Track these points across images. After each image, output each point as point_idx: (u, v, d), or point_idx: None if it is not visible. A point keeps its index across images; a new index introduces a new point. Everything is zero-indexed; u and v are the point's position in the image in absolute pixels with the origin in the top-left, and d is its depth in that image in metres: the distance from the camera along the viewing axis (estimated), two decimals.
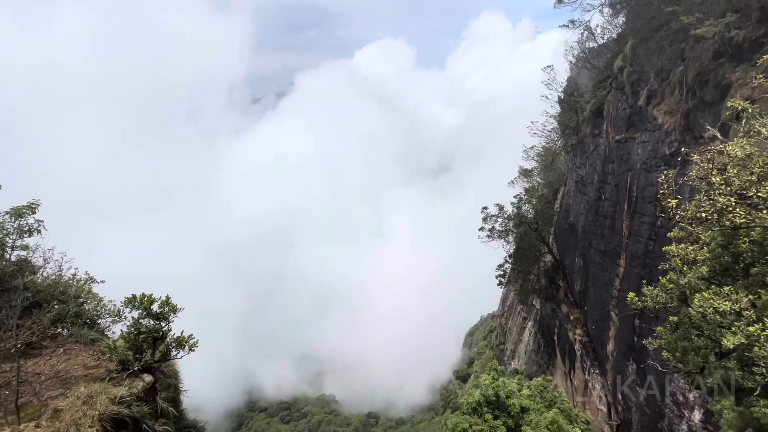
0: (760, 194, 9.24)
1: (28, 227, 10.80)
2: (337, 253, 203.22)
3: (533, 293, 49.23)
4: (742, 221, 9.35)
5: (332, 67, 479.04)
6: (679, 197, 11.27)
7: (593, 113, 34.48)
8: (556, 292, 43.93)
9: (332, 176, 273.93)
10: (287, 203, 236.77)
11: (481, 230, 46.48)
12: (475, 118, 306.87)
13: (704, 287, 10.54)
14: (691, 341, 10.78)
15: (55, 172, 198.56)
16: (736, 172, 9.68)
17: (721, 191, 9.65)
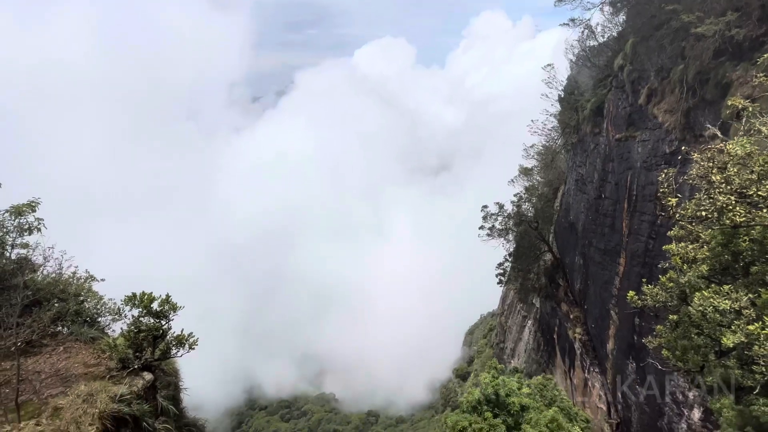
0: (760, 193, 9.24)
1: (28, 225, 10.79)
2: (337, 252, 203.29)
3: (533, 292, 49.24)
4: (742, 220, 9.35)
5: (332, 65, 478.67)
6: (679, 196, 11.27)
7: (593, 112, 34.46)
8: (556, 290, 43.95)
9: (332, 175, 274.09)
10: (287, 202, 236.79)
11: (481, 229, 46.47)
12: (475, 116, 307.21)
13: (704, 286, 10.55)
14: (690, 340, 10.79)
15: (54, 171, 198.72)
16: (736, 170, 9.68)
17: (721, 190, 9.65)
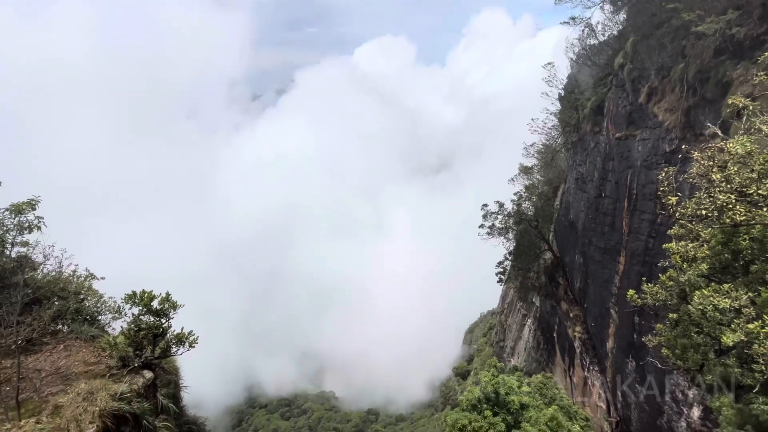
0: (760, 191, 9.24)
1: (28, 224, 10.78)
2: (337, 250, 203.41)
3: (533, 290, 49.24)
4: (742, 218, 9.35)
5: (332, 64, 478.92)
6: (679, 194, 11.26)
7: (594, 110, 34.42)
8: (555, 289, 43.96)
9: (332, 173, 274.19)
10: (287, 200, 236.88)
11: (481, 227, 46.44)
12: (475, 115, 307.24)
13: (704, 284, 10.56)
14: (690, 338, 10.79)
15: (54, 169, 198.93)
16: (736, 169, 9.67)
17: (721, 188, 9.65)
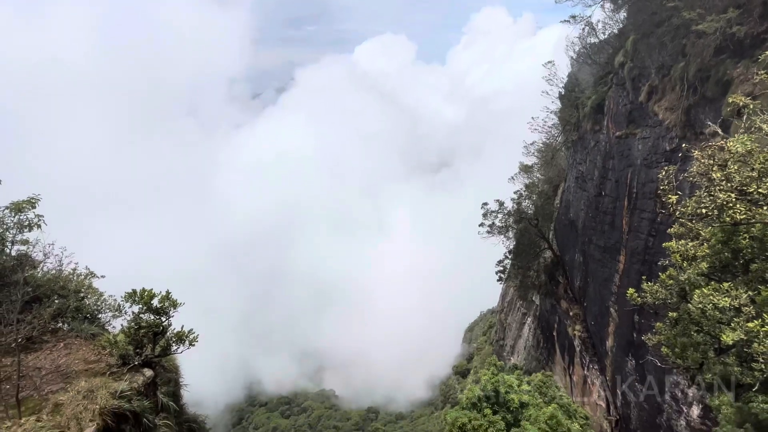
0: (760, 190, 9.24)
1: (28, 222, 10.78)
2: (337, 248, 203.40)
3: (533, 289, 49.25)
4: (742, 217, 9.35)
5: (332, 62, 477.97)
6: (679, 193, 11.26)
7: (594, 109, 34.39)
8: (555, 288, 43.98)
9: (332, 172, 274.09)
10: (287, 199, 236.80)
11: (481, 226, 46.40)
12: (475, 113, 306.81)
13: (704, 283, 10.55)
14: (690, 337, 10.79)
15: (54, 168, 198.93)
16: (736, 168, 9.67)
17: (721, 187, 9.65)
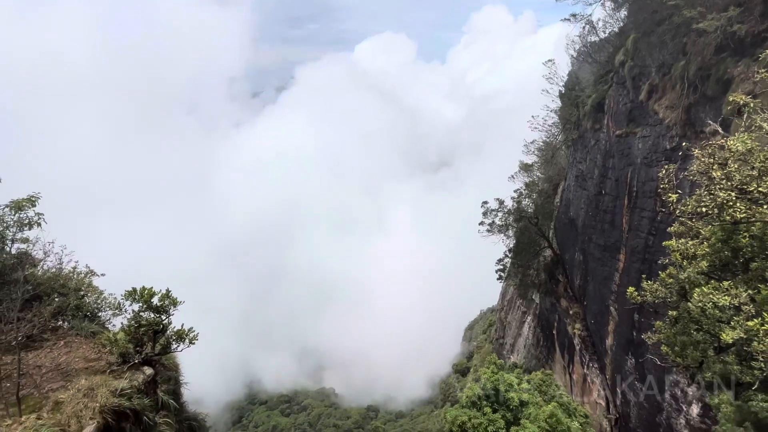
0: (760, 189, 9.24)
1: (28, 220, 10.79)
2: (337, 247, 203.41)
3: (533, 288, 49.28)
4: (742, 216, 9.35)
5: (332, 60, 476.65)
6: (679, 192, 11.26)
7: (594, 108, 34.36)
8: (555, 286, 44.00)
9: (332, 170, 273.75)
10: (287, 197, 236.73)
11: (481, 224, 46.43)
12: (475, 112, 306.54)
13: (704, 282, 10.55)
14: (690, 336, 10.80)
15: (54, 166, 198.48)
16: (737, 167, 9.66)
17: (721, 186, 9.65)
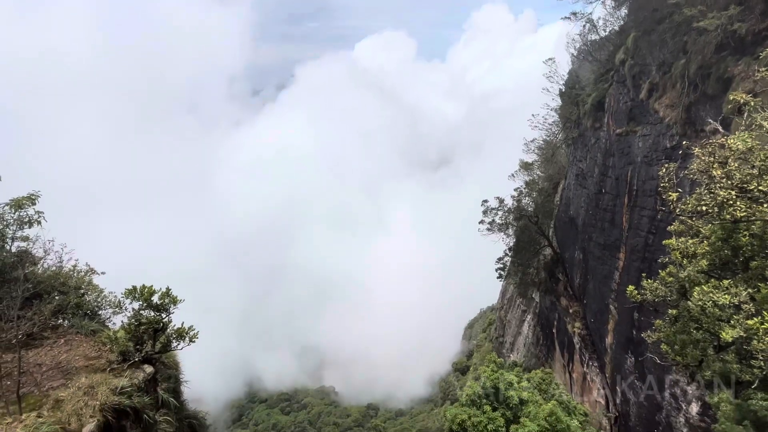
0: (761, 188, 9.23)
1: (28, 218, 10.79)
2: (337, 245, 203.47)
3: (533, 286, 49.30)
4: (742, 215, 9.34)
5: (333, 59, 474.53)
6: (679, 190, 11.25)
7: (594, 106, 34.34)
8: (555, 285, 44.02)
9: (332, 169, 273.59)
10: (287, 196, 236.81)
11: (481, 223, 46.45)
12: (475, 110, 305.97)
13: (704, 280, 10.55)
14: (689, 334, 10.80)
15: (53, 166, 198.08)
16: (737, 165, 9.65)
17: (722, 185, 9.64)
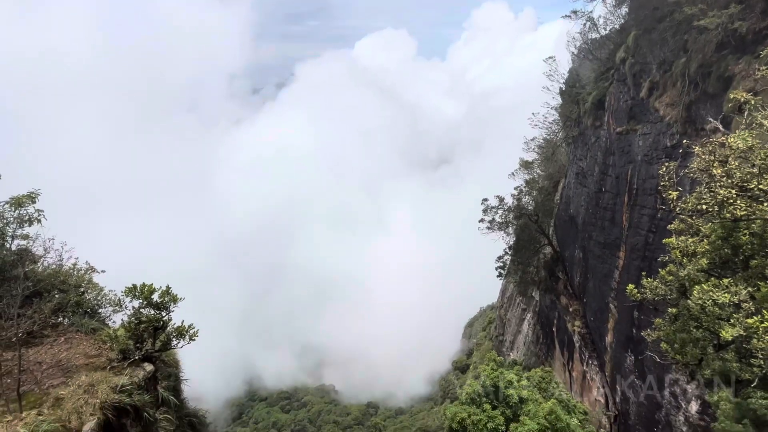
0: (761, 186, 9.23)
1: (28, 217, 10.78)
2: (337, 244, 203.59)
3: (533, 285, 49.29)
4: (742, 213, 9.34)
5: (333, 57, 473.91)
6: (680, 189, 11.24)
7: (595, 105, 34.31)
8: (555, 283, 44.02)
9: (332, 168, 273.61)
10: (287, 194, 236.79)
11: (481, 222, 46.45)
12: (476, 109, 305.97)
13: (704, 279, 10.55)
14: (689, 333, 10.80)
15: (53, 166, 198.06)
16: (737, 164, 9.65)
17: (722, 183, 9.63)
